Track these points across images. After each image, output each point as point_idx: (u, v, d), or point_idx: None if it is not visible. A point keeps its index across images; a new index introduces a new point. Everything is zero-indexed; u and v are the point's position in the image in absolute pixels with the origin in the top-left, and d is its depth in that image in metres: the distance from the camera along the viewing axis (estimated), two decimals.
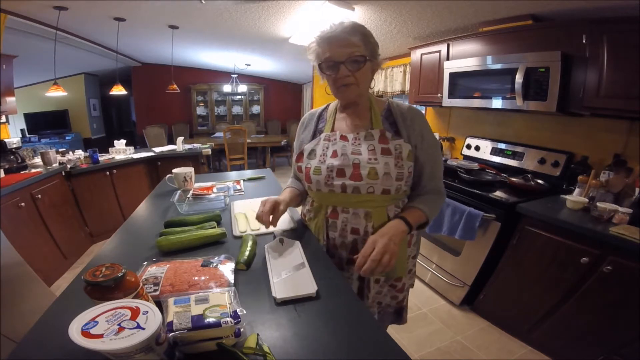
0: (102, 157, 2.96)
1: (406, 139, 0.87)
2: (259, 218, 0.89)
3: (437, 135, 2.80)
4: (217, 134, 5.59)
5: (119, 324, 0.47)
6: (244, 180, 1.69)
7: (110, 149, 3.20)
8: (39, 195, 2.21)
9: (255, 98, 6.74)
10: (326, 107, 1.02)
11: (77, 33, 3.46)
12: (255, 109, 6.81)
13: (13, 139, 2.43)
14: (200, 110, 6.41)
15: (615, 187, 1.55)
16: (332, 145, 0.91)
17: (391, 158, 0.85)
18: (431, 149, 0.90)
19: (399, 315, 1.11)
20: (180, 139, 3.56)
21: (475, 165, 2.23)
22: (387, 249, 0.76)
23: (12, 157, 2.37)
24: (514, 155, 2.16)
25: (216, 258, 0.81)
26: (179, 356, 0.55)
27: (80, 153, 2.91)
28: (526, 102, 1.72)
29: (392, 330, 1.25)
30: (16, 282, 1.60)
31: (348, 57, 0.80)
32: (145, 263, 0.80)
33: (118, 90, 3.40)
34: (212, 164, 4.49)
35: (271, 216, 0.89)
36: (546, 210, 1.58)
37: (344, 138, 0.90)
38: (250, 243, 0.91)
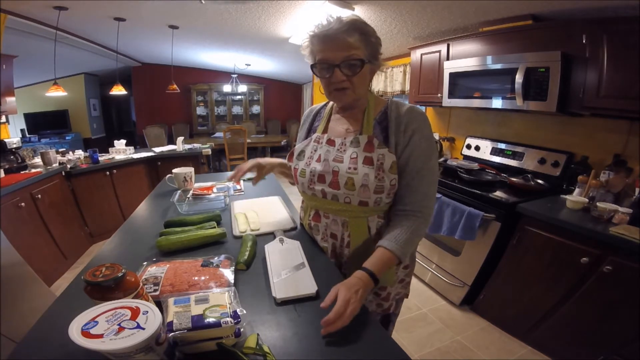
0: (102, 157, 2.95)
1: (392, 148, 0.79)
2: (236, 171, 0.96)
3: (436, 136, 2.81)
4: (217, 134, 5.59)
5: (119, 324, 0.47)
6: (244, 180, 1.69)
7: (110, 149, 3.20)
8: (39, 195, 2.21)
9: (255, 98, 6.74)
10: (325, 105, 0.98)
11: (77, 33, 3.46)
12: (255, 109, 6.81)
13: (13, 139, 2.43)
14: (200, 110, 6.41)
15: (615, 187, 1.55)
16: (319, 148, 0.88)
17: (372, 169, 0.78)
18: (420, 158, 0.79)
19: (385, 326, 1.05)
20: (180, 139, 3.56)
21: (475, 165, 2.23)
22: (355, 310, 0.64)
23: (12, 157, 2.37)
24: (514, 155, 2.16)
25: (216, 258, 0.81)
26: (179, 356, 0.55)
27: (80, 153, 2.90)
28: (526, 102, 1.72)
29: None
30: (16, 282, 1.60)
31: (344, 60, 0.74)
32: (145, 263, 0.80)
33: (118, 90, 3.40)
34: (212, 164, 4.48)
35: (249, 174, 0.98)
36: (546, 210, 1.58)
37: (330, 142, 0.87)
38: (250, 243, 0.91)
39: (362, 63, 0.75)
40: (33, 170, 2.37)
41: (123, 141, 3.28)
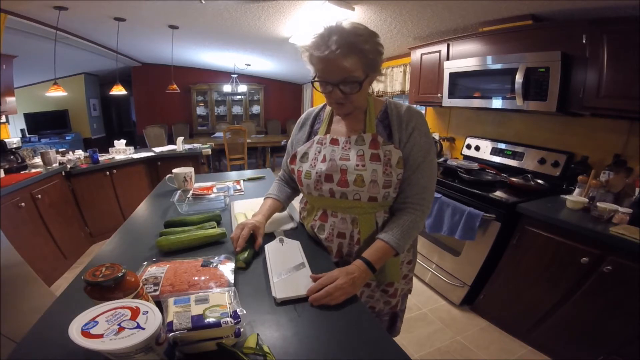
0: (102, 157, 2.95)
1: (397, 144, 0.83)
2: (235, 240, 0.87)
3: (436, 136, 2.81)
4: (217, 134, 5.58)
5: (119, 324, 0.47)
6: (244, 180, 1.69)
7: (110, 149, 3.20)
8: (39, 195, 2.21)
9: (255, 98, 6.73)
10: (324, 107, 0.99)
11: (77, 33, 3.46)
12: (255, 109, 6.80)
13: (13, 139, 2.43)
14: (200, 110, 6.40)
15: (615, 187, 1.55)
16: (323, 149, 0.89)
17: (379, 165, 0.82)
18: (420, 153, 0.83)
19: (393, 323, 1.09)
20: (180, 139, 3.56)
21: (475, 165, 2.23)
22: (342, 286, 0.70)
23: (12, 157, 2.37)
24: (514, 155, 2.16)
25: (216, 258, 0.81)
26: (179, 356, 0.55)
27: (80, 153, 2.90)
28: (526, 102, 1.72)
29: None
30: (16, 282, 1.60)
31: (342, 80, 0.75)
32: (145, 263, 0.80)
33: (118, 90, 3.40)
34: (212, 164, 4.49)
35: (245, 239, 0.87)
36: (546, 210, 1.58)
37: (334, 142, 0.88)
38: (250, 242, 0.91)
39: (360, 83, 0.77)
40: (33, 170, 2.37)
41: (123, 141, 3.28)
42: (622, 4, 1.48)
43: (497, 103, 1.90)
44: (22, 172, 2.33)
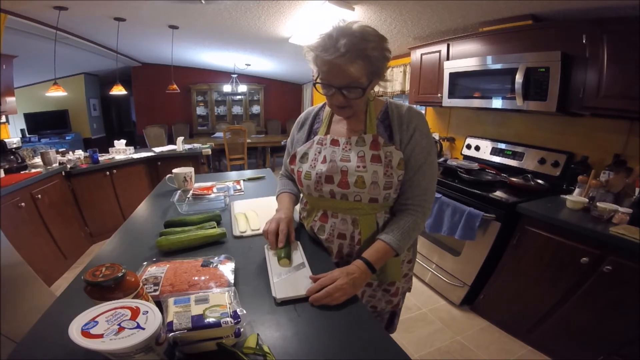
0: (102, 157, 2.95)
1: (398, 145, 0.83)
2: (270, 234, 0.87)
3: (436, 136, 2.81)
4: (217, 134, 5.58)
5: (119, 324, 0.47)
6: (244, 180, 1.69)
7: (110, 149, 3.20)
8: (39, 195, 2.21)
9: (255, 98, 6.74)
10: (323, 106, 0.98)
11: (77, 33, 3.46)
12: (255, 109, 6.80)
13: (13, 139, 2.42)
14: (200, 110, 6.40)
15: (615, 187, 1.55)
16: (323, 149, 0.88)
17: (380, 166, 0.81)
18: (421, 154, 0.83)
19: (391, 321, 1.10)
20: (180, 139, 3.56)
21: (475, 165, 2.22)
22: (343, 287, 0.70)
23: (12, 157, 2.37)
24: (514, 155, 2.16)
25: (216, 258, 0.81)
26: (179, 356, 0.55)
27: (80, 153, 2.90)
28: (526, 102, 1.72)
29: None
30: (16, 282, 1.60)
31: (345, 86, 0.75)
32: (145, 263, 0.80)
33: (118, 90, 3.40)
34: (212, 164, 4.48)
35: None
36: (546, 210, 1.58)
37: (334, 142, 0.87)
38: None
39: (363, 89, 0.76)
40: (33, 170, 2.37)
41: (123, 141, 3.28)
42: (622, 4, 1.48)
43: (497, 103, 1.90)
44: (22, 172, 2.33)
